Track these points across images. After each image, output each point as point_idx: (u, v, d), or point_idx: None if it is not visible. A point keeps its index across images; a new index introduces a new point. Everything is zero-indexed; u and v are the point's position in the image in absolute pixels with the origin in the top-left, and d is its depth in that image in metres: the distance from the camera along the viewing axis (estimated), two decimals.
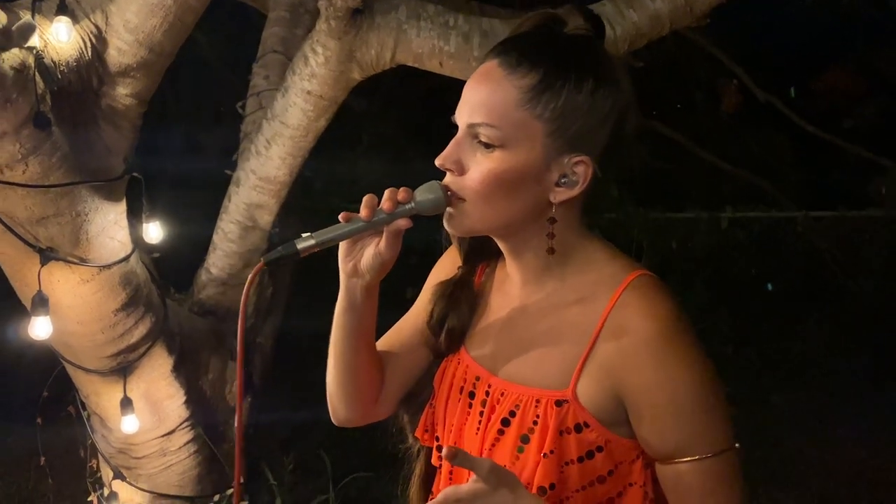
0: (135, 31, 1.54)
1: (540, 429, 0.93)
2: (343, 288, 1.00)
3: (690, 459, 0.91)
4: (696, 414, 0.92)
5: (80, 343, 1.85)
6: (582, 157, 0.92)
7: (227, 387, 2.38)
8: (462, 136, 0.94)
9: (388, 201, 0.93)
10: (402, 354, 1.11)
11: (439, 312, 1.05)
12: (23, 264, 1.65)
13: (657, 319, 0.91)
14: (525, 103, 0.91)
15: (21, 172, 1.42)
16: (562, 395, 0.93)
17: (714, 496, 0.93)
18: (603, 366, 0.92)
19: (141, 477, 2.17)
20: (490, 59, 0.95)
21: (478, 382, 1.01)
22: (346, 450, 3.22)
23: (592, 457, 0.93)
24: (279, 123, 2.20)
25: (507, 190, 0.92)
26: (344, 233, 0.93)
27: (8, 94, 1.30)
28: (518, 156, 0.91)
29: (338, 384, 1.08)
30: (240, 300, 2.51)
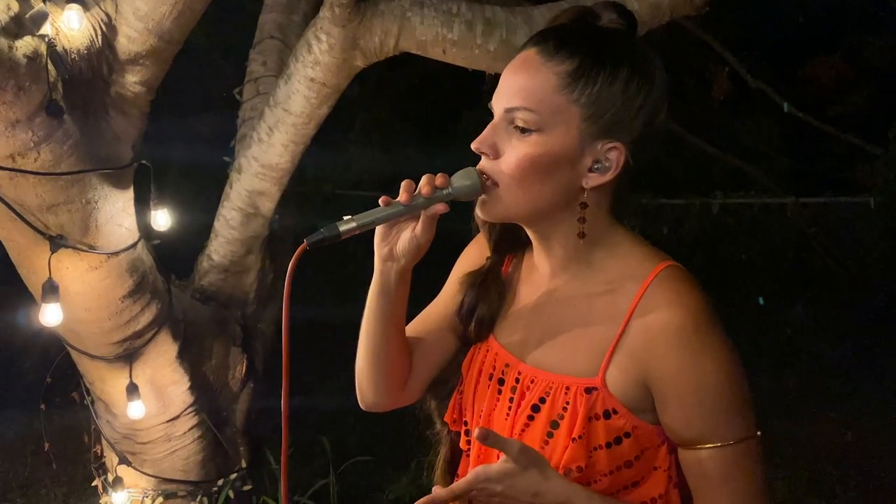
0: (144, 18, 1.55)
1: (569, 415, 0.96)
2: (378, 272, 1.02)
3: (712, 446, 0.94)
4: (720, 402, 0.94)
5: (87, 330, 1.86)
6: (615, 143, 0.94)
7: (229, 372, 2.39)
8: (498, 121, 0.96)
9: (427, 186, 0.96)
10: (429, 341, 1.13)
11: (469, 302, 1.08)
12: (31, 251, 1.65)
13: (686, 309, 0.93)
14: (562, 88, 0.93)
15: (33, 160, 1.42)
16: (591, 383, 0.96)
17: (734, 482, 0.95)
18: (632, 354, 0.95)
19: (146, 462, 2.19)
20: (528, 48, 0.97)
21: (507, 369, 1.03)
22: (346, 435, 3.26)
23: (620, 442, 0.96)
24: (282, 111, 2.21)
25: (542, 174, 0.94)
26: (384, 216, 0.96)
27: (21, 83, 1.31)
28: (554, 140, 0.93)
29: (368, 368, 1.10)
30: (241, 286, 2.52)
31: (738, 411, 0.95)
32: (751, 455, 0.95)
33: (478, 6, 2.08)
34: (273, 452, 2.61)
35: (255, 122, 2.34)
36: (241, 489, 2.37)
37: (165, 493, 2.20)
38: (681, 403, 0.94)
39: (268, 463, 2.60)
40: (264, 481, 2.57)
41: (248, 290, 2.47)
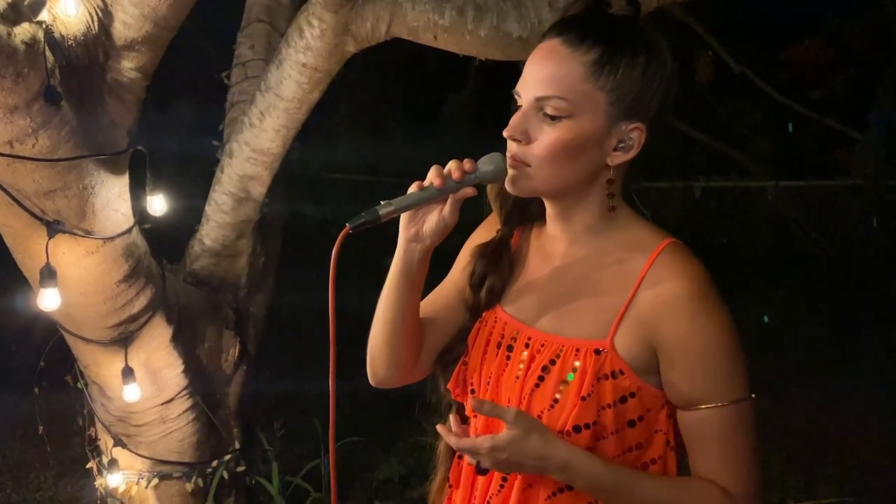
0: (140, 4, 1.55)
1: (579, 374, 1.02)
2: (401, 253, 1.09)
3: (712, 406, 1.01)
4: (720, 365, 1.01)
5: (83, 314, 1.88)
6: (637, 123, 1.02)
7: (222, 355, 2.42)
8: (528, 109, 1.02)
9: (458, 171, 1.03)
10: (439, 320, 1.19)
11: (481, 270, 1.15)
12: (27, 237, 1.67)
13: (692, 279, 1.02)
14: (589, 76, 1.00)
15: (31, 146, 1.43)
16: (600, 345, 1.03)
17: (730, 441, 1.02)
18: (640, 318, 1.02)
19: (141, 444, 2.22)
20: (550, 37, 1.03)
21: (517, 336, 1.10)
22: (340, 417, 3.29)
23: (625, 402, 1.02)
24: (273, 96, 2.22)
25: (572, 155, 1.01)
26: (419, 199, 1.02)
27: (20, 69, 1.31)
28: (584, 124, 1.00)
29: (384, 345, 1.16)
30: (233, 270, 2.55)
31: (736, 374, 1.02)
32: (746, 415, 1.03)
33: None
34: (265, 434, 2.64)
35: (247, 107, 2.34)
36: (234, 470, 2.40)
37: (160, 474, 2.23)
38: (686, 365, 1.01)
39: (260, 444, 2.64)
40: (257, 462, 2.61)
41: (239, 273, 2.50)
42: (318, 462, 2.83)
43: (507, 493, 1.08)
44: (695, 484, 1.05)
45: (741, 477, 1.03)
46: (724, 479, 1.02)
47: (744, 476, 1.03)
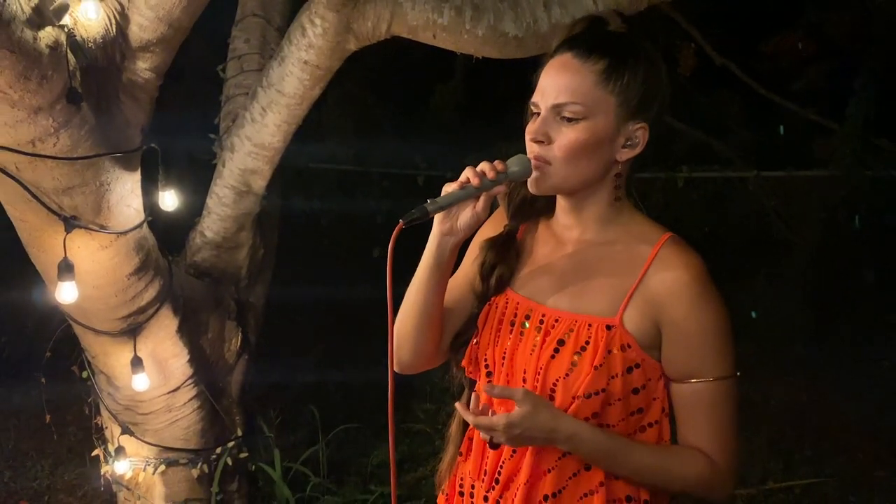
0: (155, 7, 1.60)
1: (591, 347, 1.14)
2: (434, 246, 1.19)
3: (703, 380, 1.15)
4: (713, 344, 1.15)
5: (95, 306, 1.93)
6: (641, 123, 1.16)
7: (225, 345, 2.47)
8: (546, 115, 1.15)
9: (492, 171, 1.14)
10: (455, 310, 1.30)
11: (491, 261, 1.26)
12: (43, 231, 1.71)
13: (695, 269, 1.15)
14: (600, 83, 1.14)
15: (52, 145, 1.48)
16: (611, 321, 1.15)
17: (716, 413, 1.16)
18: (647, 299, 1.15)
19: (148, 432, 2.27)
20: (562, 52, 1.16)
21: (531, 314, 1.21)
22: (333, 404, 3.37)
23: (631, 372, 1.15)
24: (275, 92, 2.26)
25: (588, 153, 1.15)
26: (460, 196, 1.13)
27: (44, 72, 1.36)
28: (597, 125, 1.14)
29: (414, 332, 1.26)
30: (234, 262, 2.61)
31: (726, 353, 1.16)
32: (731, 391, 1.17)
33: None
34: (266, 422, 2.71)
35: (247, 102, 2.39)
36: (237, 456, 2.47)
37: (167, 460, 2.29)
38: (685, 343, 1.14)
39: (261, 431, 2.71)
40: (259, 449, 2.67)
41: (240, 265, 2.55)
42: (317, 448, 2.90)
43: (519, 457, 1.20)
44: (683, 451, 1.18)
45: (724, 445, 1.16)
46: (708, 447, 1.16)
47: (726, 445, 1.16)
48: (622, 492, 1.19)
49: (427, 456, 3.49)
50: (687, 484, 1.17)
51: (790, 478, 3.35)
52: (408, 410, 3.80)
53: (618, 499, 1.18)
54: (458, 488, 1.29)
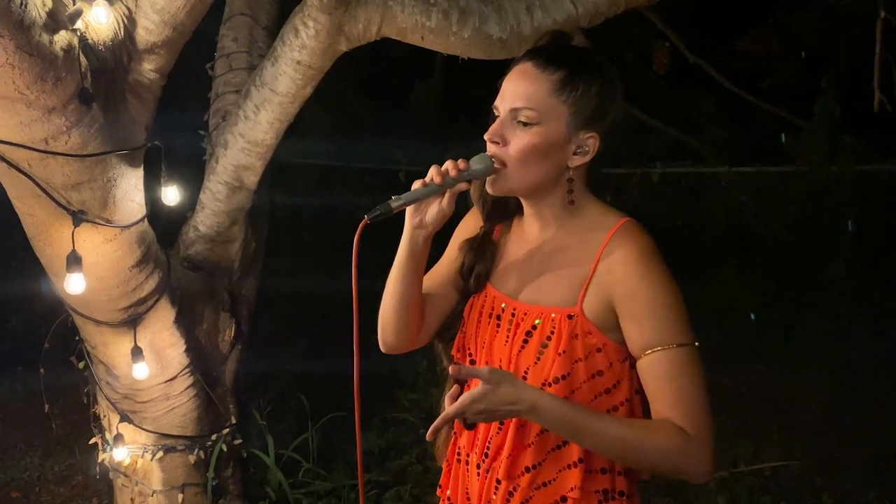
0: (161, 11, 1.67)
1: (556, 335, 1.23)
2: (407, 238, 1.28)
3: (660, 349, 1.18)
4: (664, 314, 1.20)
5: (97, 298, 2.00)
6: (592, 133, 1.23)
7: (219, 336, 2.55)
8: (504, 118, 1.23)
9: (454, 169, 1.22)
10: (436, 295, 1.40)
11: (469, 262, 1.36)
12: (50, 225, 1.78)
13: (639, 248, 1.22)
14: (555, 92, 1.21)
15: (64, 143, 1.55)
16: (572, 311, 1.24)
17: (679, 381, 1.18)
18: (601, 284, 1.22)
19: (146, 419, 2.34)
20: (524, 61, 1.24)
21: (504, 307, 1.31)
22: (321, 393, 3.45)
23: (594, 355, 1.23)
24: (268, 90, 2.34)
25: (540, 157, 1.22)
26: (423, 193, 1.21)
27: (59, 73, 1.43)
28: (549, 131, 1.21)
29: (393, 316, 1.35)
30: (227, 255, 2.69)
31: (679, 322, 1.20)
32: (691, 358, 1.19)
33: None
34: (258, 410, 2.79)
35: (241, 101, 2.46)
36: (232, 443, 2.54)
37: (165, 447, 2.36)
38: (636, 316, 1.20)
39: (254, 419, 2.79)
40: (251, 436, 2.76)
41: (233, 258, 2.62)
42: (307, 436, 2.99)
43: (504, 433, 1.29)
44: (651, 422, 1.19)
45: (692, 413, 1.17)
46: (677, 417, 1.16)
47: (694, 413, 1.17)
48: (598, 464, 1.26)
49: (412, 444, 3.59)
50: (659, 455, 1.17)
51: (760, 461, 3.49)
52: (393, 400, 3.90)
53: (594, 469, 1.26)
54: (456, 457, 1.41)
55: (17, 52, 1.31)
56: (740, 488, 3.29)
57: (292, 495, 2.74)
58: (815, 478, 3.36)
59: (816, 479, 3.34)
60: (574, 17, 2.35)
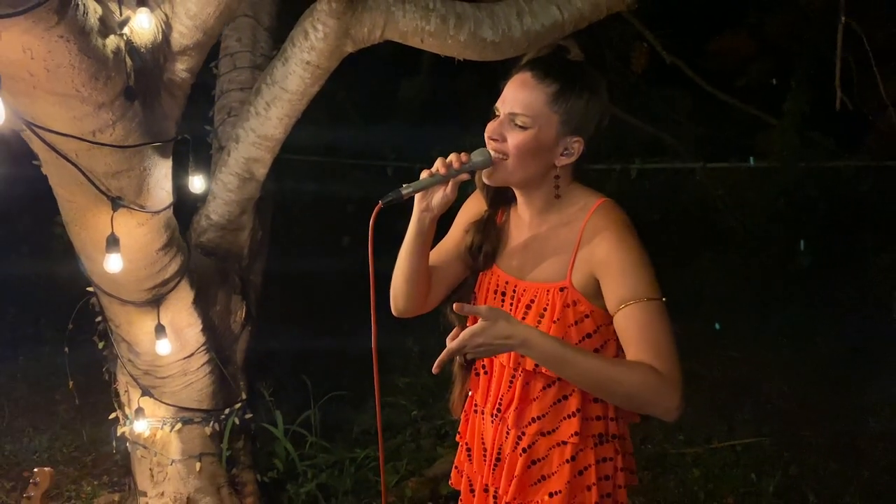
0: (194, 17, 1.85)
1: (551, 306, 1.44)
2: (415, 220, 1.48)
3: (634, 301, 1.36)
4: (636, 274, 1.38)
5: (126, 278, 2.17)
6: (578, 138, 1.43)
7: (231, 317, 2.73)
8: (504, 119, 1.42)
9: (457, 161, 1.42)
10: (442, 268, 1.60)
11: (478, 241, 1.56)
12: (88, 210, 1.95)
13: (615, 221, 1.42)
14: (549, 103, 1.40)
15: (109, 135, 1.73)
16: (562, 284, 1.45)
17: (651, 329, 1.35)
18: (584, 259, 1.42)
19: (166, 394, 2.52)
20: (524, 71, 1.43)
21: (507, 285, 1.52)
22: (323, 373, 3.64)
23: (583, 321, 1.44)
24: (279, 88, 2.51)
25: (532, 155, 1.41)
26: (429, 182, 1.41)
27: (109, 73, 1.61)
28: (541, 135, 1.40)
29: (404, 285, 1.55)
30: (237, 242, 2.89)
31: (648, 280, 1.38)
32: (660, 311, 1.36)
33: (450, 2, 2.44)
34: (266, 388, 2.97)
35: (252, 98, 2.62)
36: (243, 417, 2.72)
37: (183, 419, 2.53)
38: (612, 275, 1.38)
39: (262, 396, 2.97)
40: (260, 411, 2.94)
41: (242, 245, 2.80)
42: (310, 412, 3.18)
43: (513, 389, 1.50)
44: (629, 361, 1.35)
45: (662, 355, 1.33)
46: (650, 359, 1.32)
47: (664, 355, 1.33)
48: (594, 412, 1.48)
49: (405, 424, 3.79)
50: (635, 388, 1.32)
51: (732, 438, 3.71)
52: (386, 383, 4.09)
53: (590, 417, 1.48)
54: (472, 407, 1.62)
55: (78, 55, 1.48)
56: (714, 462, 3.51)
57: (300, 466, 2.93)
58: (783, 453, 3.57)
59: (784, 454, 3.55)
60: (560, 22, 2.56)
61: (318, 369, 3.73)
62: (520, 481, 1.49)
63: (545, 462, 1.49)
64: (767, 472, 3.38)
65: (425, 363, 4.30)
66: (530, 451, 1.49)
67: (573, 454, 1.46)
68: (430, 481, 3.19)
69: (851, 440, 3.72)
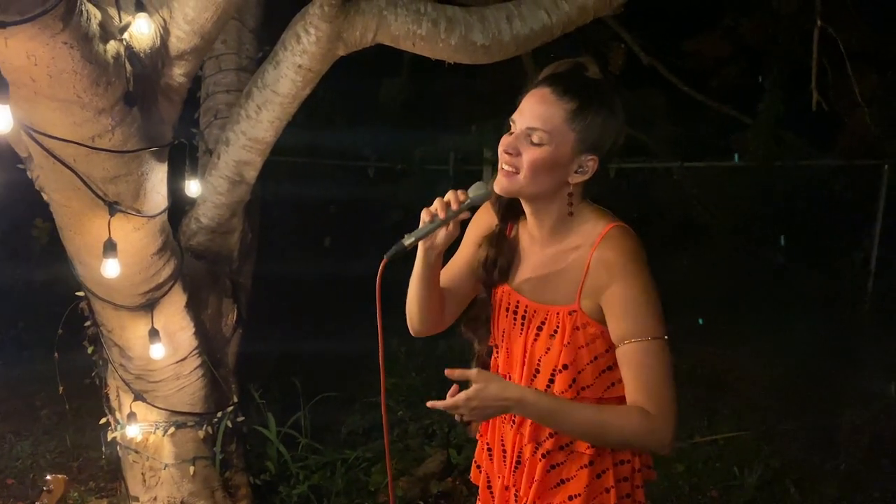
0: (191, 22, 1.85)
1: (561, 329, 1.45)
2: (422, 257, 1.47)
3: (635, 341, 1.37)
4: (640, 312, 1.38)
5: (120, 283, 2.16)
6: (593, 156, 1.40)
7: (222, 320, 2.73)
8: (520, 133, 1.41)
9: (455, 202, 1.40)
10: (454, 287, 1.60)
11: (492, 256, 1.54)
12: (83, 215, 1.94)
13: (623, 253, 1.40)
14: (567, 121, 1.38)
15: (108, 140, 1.73)
16: (572, 308, 1.44)
17: (648, 368, 1.37)
18: (592, 285, 1.42)
19: (158, 398, 2.51)
20: (544, 86, 1.41)
21: (518, 305, 1.52)
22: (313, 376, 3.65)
23: (594, 341, 1.45)
24: (270, 92, 2.51)
25: (546, 171, 1.39)
26: (430, 229, 1.40)
27: (109, 79, 1.61)
28: (557, 151, 1.38)
29: (417, 310, 1.57)
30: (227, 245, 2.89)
31: (652, 318, 1.38)
32: (661, 350, 1.38)
33: (441, 7, 2.45)
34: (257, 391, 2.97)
35: (242, 101, 2.62)
36: (235, 420, 2.72)
37: (177, 423, 2.53)
38: (615, 311, 1.39)
39: (253, 399, 2.97)
40: (252, 414, 2.94)
41: (232, 248, 2.79)
42: (300, 414, 3.19)
43: None
44: (619, 407, 1.38)
45: (656, 397, 1.34)
46: (643, 400, 1.34)
47: (658, 397, 1.34)
48: None
49: (393, 425, 3.80)
50: (624, 434, 1.35)
51: (713, 432, 3.78)
52: (372, 385, 4.10)
53: None
54: None
55: (81, 61, 1.48)
56: (697, 456, 3.58)
57: (293, 468, 2.94)
58: (763, 446, 3.63)
59: (764, 448, 3.62)
60: (549, 26, 2.60)
61: (303, 371, 3.74)
62: (540, 485, 1.51)
63: (564, 467, 1.51)
64: (749, 465, 3.45)
65: (411, 364, 4.35)
66: (549, 456, 1.50)
67: (591, 459, 1.48)
68: (419, 480, 3.21)
69: (829, 432, 3.82)
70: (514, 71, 4.52)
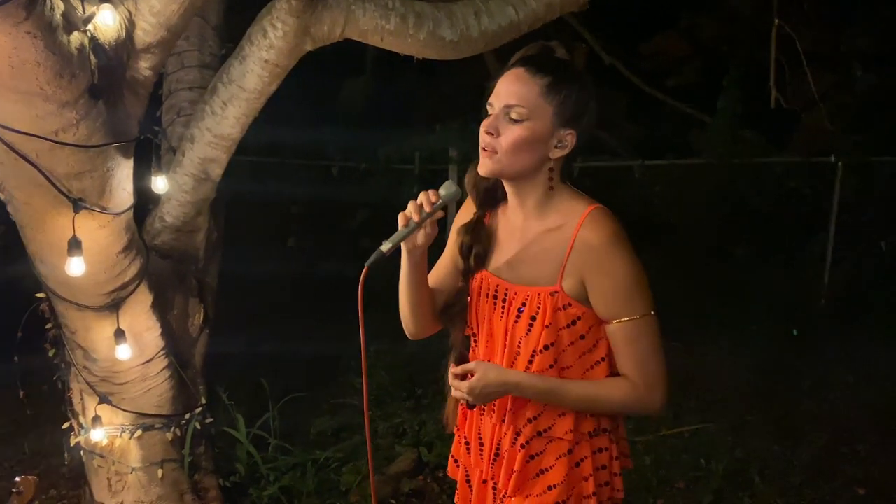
0: (158, 15, 1.81)
1: (542, 310, 1.46)
2: (406, 257, 1.51)
3: (626, 319, 1.43)
4: (629, 291, 1.43)
5: (84, 282, 2.10)
6: (570, 130, 1.44)
7: (189, 320, 2.68)
8: (499, 113, 1.43)
9: (428, 203, 1.44)
10: (443, 287, 1.62)
11: (467, 243, 1.57)
12: (46, 213, 1.89)
13: (605, 233, 1.43)
14: (543, 95, 1.41)
15: (72, 135, 1.68)
16: (554, 289, 1.46)
17: (636, 344, 1.44)
18: (575, 265, 1.44)
19: (125, 400, 2.45)
20: (517, 66, 1.45)
21: (498, 288, 1.53)
22: (282, 376, 3.60)
23: (575, 323, 1.47)
24: (236, 87, 2.47)
25: (527, 148, 1.42)
26: (407, 233, 1.43)
27: (73, 71, 1.57)
28: (535, 126, 1.41)
29: (409, 312, 1.58)
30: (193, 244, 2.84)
31: (639, 298, 1.44)
32: (649, 326, 1.45)
33: (409, 2, 2.45)
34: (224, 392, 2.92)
35: (207, 97, 2.57)
36: (203, 421, 2.68)
37: (144, 426, 2.47)
38: (602, 292, 1.43)
39: (221, 400, 2.92)
40: (220, 415, 2.89)
41: (198, 247, 2.74)
42: (269, 415, 3.15)
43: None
44: (609, 380, 1.46)
45: (644, 370, 1.44)
46: (631, 374, 1.43)
47: (646, 370, 1.44)
48: None
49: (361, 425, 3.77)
50: (614, 405, 1.46)
51: (680, 425, 3.85)
52: (341, 385, 4.08)
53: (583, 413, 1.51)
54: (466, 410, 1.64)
55: (44, 51, 1.44)
56: (664, 449, 3.63)
57: (263, 469, 2.90)
58: (727, 437, 3.71)
59: (729, 439, 3.70)
60: (516, 22, 2.61)
61: (270, 371, 3.70)
62: (519, 476, 1.52)
63: (543, 456, 1.53)
64: (715, 456, 3.51)
65: (380, 362, 4.33)
66: (528, 446, 1.52)
67: (569, 448, 1.51)
68: (391, 479, 3.20)
69: (790, 422, 3.91)
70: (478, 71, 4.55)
